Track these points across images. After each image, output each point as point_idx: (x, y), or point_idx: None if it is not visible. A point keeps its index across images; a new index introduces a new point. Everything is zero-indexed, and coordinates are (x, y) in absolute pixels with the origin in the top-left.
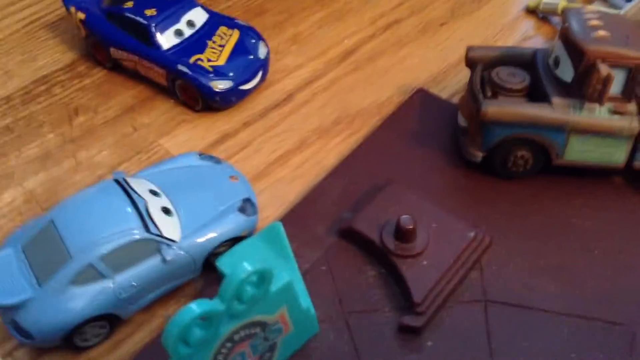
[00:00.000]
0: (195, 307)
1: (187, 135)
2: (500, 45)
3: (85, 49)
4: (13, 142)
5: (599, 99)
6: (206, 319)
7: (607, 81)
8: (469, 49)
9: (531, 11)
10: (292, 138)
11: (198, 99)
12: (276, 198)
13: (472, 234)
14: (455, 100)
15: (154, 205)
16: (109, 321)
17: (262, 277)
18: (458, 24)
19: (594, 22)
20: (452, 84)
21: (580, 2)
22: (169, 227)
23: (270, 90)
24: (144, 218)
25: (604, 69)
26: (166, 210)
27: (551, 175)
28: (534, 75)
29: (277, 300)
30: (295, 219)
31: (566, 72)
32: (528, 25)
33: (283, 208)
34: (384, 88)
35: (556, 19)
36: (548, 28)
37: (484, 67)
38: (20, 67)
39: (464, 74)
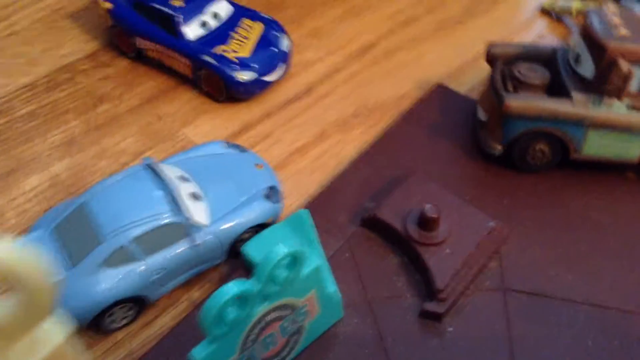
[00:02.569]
0: (233, 287)
1: (210, 124)
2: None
3: (109, 38)
4: (38, 127)
5: (618, 94)
6: (241, 299)
7: (627, 77)
8: (490, 46)
9: (546, 12)
10: (312, 129)
11: (221, 89)
12: (297, 188)
13: (491, 224)
14: (473, 95)
15: (184, 190)
16: (137, 303)
17: (295, 260)
18: (474, 23)
19: (616, 21)
20: (469, 80)
21: (592, 4)
22: (198, 211)
23: (291, 83)
24: (175, 202)
25: (624, 66)
26: (195, 196)
27: (568, 169)
28: (553, 71)
29: (306, 283)
30: (318, 208)
31: (587, 68)
32: (542, 25)
33: (304, 198)
34: (402, 83)
35: (569, 20)
36: (562, 29)
37: (504, 63)
38: (43, 56)
39: (481, 70)
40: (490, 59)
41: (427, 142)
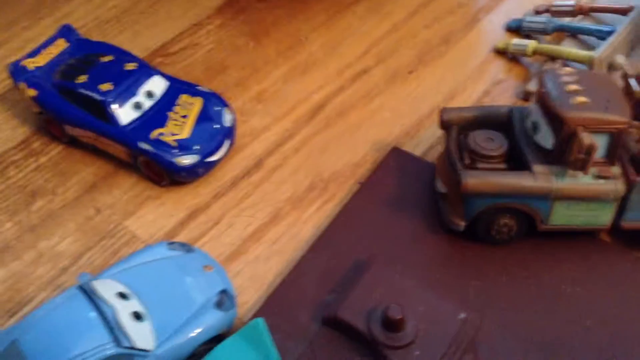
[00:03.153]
0: None
1: (154, 213)
2: (472, 103)
3: (39, 123)
4: None
5: (583, 167)
6: None
7: (590, 150)
8: (443, 112)
9: (500, 52)
10: (266, 209)
11: (163, 174)
12: (254, 279)
13: (462, 316)
14: (430, 156)
15: (124, 312)
16: None
17: None
18: (427, 70)
19: (572, 87)
20: (426, 137)
21: (549, 40)
22: (142, 334)
23: (239, 157)
24: (114, 330)
25: (586, 139)
26: (137, 316)
27: (537, 238)
28: (512, 136)
29: None
30: (276, 306)
31: (546, 138)
32: (498, 67)
33: (262, 290)
34: (357, 146)
35: (527, 60)
36: (519, 69)
37: (460, 128)
38: None
39: (436, 126)
40: (445, 125)
41: (387, 217)
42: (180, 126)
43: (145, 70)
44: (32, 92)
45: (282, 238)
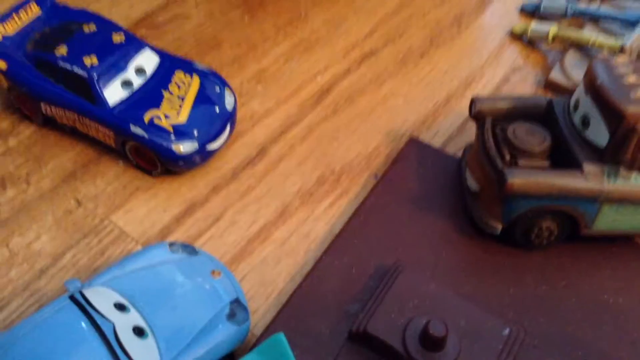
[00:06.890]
0: None
1: (145, 207)
2: (492, 91)
3: (7, 100)
4: None
5: None
6: None
7: None
8: (475, 100)
9: (516, 37)
10: (272, 204)
11: (156, 163)
12: (263, 285)
13: (506, 331)
14: (450, 148)
15: (124, 327)
16: None
17: None
18: (439, 54)
19: (631, 79)
20: (444, 127)
21: (572, 28)
22: (144, 353)
23: (239, 144)
24: (113, 347)
25: None
26: (139, 331)
27: (573, 242)
28: (553, 130)
29: None
30: (292, 317)
31: (598, 134)
32: (514, 52)
33: (273, 297)
34: (369, 135)
35: (544, 46)
36: (537, 56)
37: (494, 120)
38: None
39: (455, 115)
40: (477, 116)
41: (410, 216)
42: (176, 108)
43: (135, 43)
44: (1, 65)
45: (292, 238)
